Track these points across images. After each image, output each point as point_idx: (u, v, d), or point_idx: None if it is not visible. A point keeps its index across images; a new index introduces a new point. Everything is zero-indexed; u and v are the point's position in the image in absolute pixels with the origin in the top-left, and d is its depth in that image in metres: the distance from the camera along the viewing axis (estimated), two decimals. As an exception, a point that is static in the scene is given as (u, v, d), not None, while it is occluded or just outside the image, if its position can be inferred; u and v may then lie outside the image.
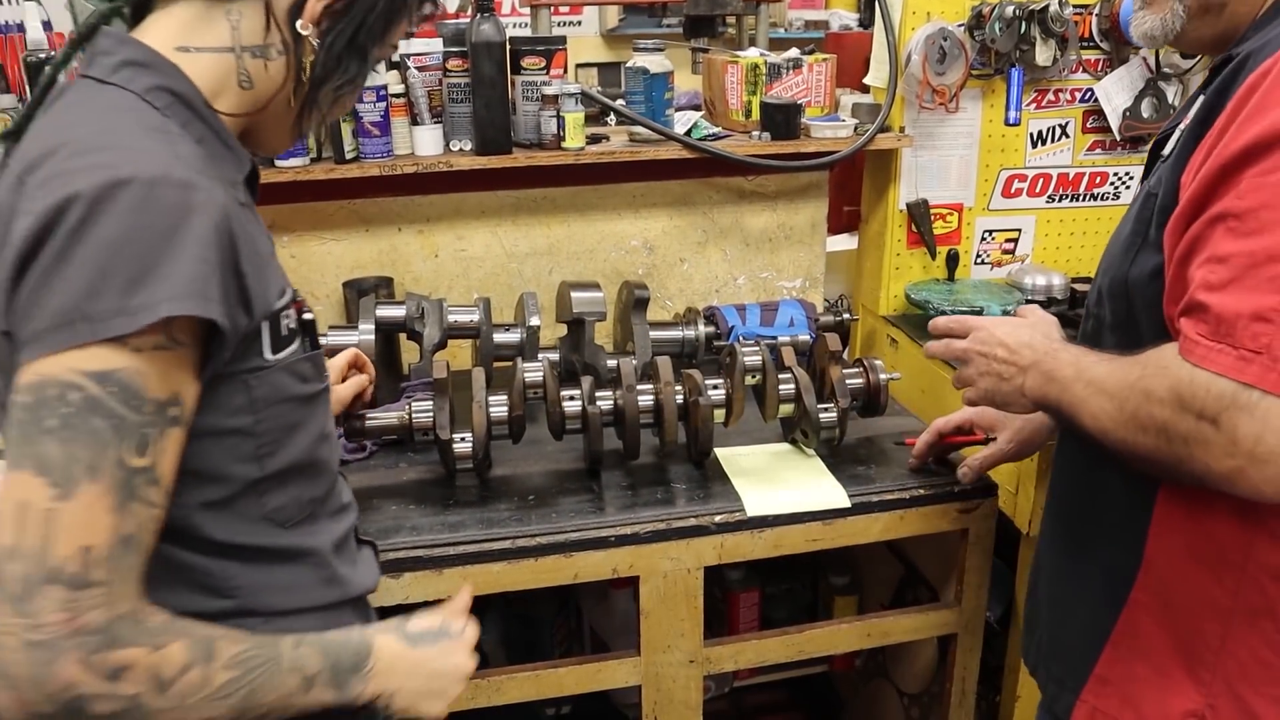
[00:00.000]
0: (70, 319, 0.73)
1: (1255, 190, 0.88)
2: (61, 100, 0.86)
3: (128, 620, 0.76)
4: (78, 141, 0.79)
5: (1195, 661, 1.04)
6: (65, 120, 0.83)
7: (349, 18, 0.92)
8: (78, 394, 0.74)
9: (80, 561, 0.74)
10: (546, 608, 2.08)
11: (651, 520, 1.47)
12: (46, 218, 0.74)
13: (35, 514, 0.73)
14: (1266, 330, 0.85)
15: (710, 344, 1.97)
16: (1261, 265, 0.86)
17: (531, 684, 1.53)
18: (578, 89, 1.92)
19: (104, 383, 0.74)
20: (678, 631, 1.53)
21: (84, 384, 0.74)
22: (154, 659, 0.76)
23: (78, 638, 0.73)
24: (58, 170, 0.76)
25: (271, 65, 0.91)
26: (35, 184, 0.77)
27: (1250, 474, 0.85)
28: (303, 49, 0.92)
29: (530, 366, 1.59)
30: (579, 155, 1.93)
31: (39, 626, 0.72)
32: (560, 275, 2.14)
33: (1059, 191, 2.25)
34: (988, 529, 1.62)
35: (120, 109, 0.83)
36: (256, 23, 0.90)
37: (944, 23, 2.02)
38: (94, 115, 0.82)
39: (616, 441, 1.61)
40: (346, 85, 0.96)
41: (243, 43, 0.90)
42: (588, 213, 2.13)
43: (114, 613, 0.75)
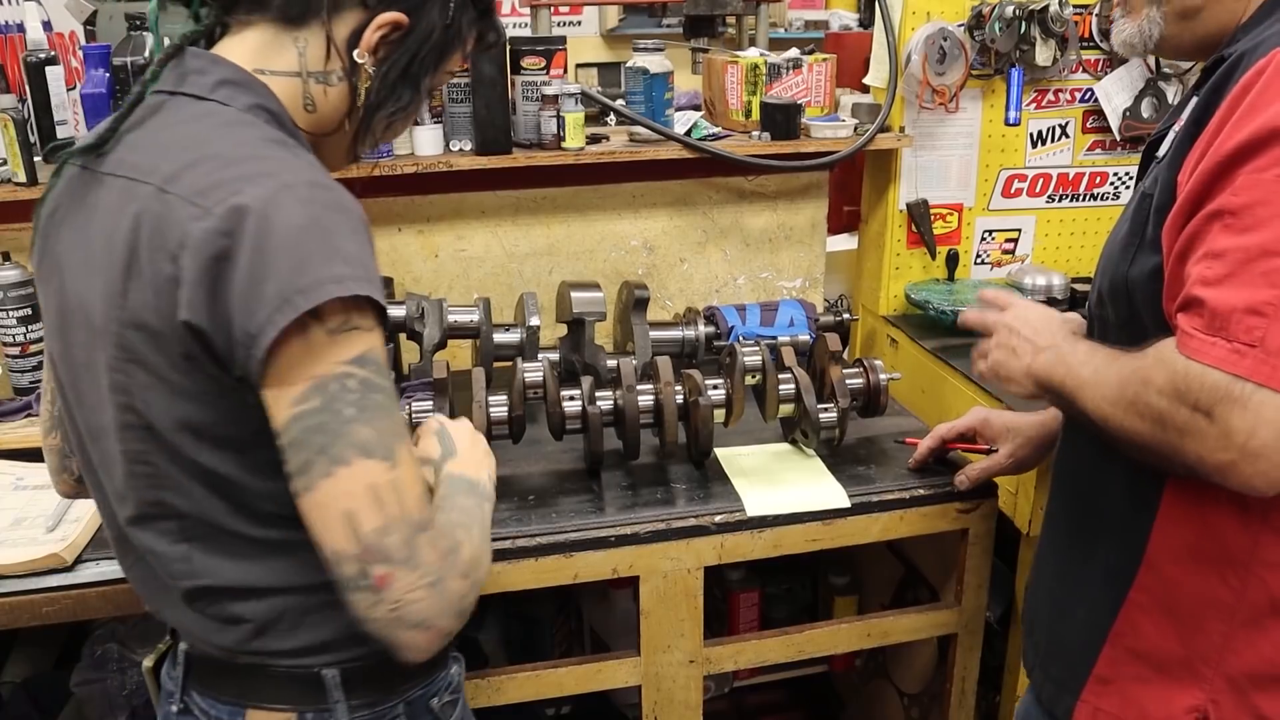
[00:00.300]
0: (288, 296, 0.80)
1: (1250, 187, 0.88)
2: (161, 116, 0.91)
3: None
4: (218, 155, 0.85)
5: (1197, 659, 1.04)
6: (186, 134, 0.89)
7: (404, 49, 0.98)
8: (352, 380, 0.83)
9: (424, 506, 0.87)
10: (546, 608, 2.08)
11: (651, 520, 1.47)
12: (226, 223, 0.81)
13: (385, 490, 0.83)
14: (1260, 324, 0.86)
15: (710, 344, 1.97)
16: (1256, 260, 0.87)
17: (531, 684, 1.53)
18: (578, 89, 1.92)
19: (362, 365, 0.84)
20: (678, 631, 1.53)
21: (351, 371, 0.83)
22: (471, 545, 0.92)
23: (446, 560, 0.87)
24: (213, 181, 0.83)
25: (332, 91, 0.97)
26: (189, 193, 0.83)
27: (1242, 467, 0.86)
28: (359, 76, 0.97)
29: (530, 366, 1.59)
30: (579, 155, 1.92)
31: (427, 571, 0.84)
32: (560, 275, 2.14)
33: (1059, 191, 2.25)
34: (988, 529, 1.62)
35: (237, 124, 0.90)
36: (320, 50, 0.95)
37: (944, 23, 2.02)
38: (217, 130, 0.89)
39: (616, 442, 1.61)
40: (399, 112, 1.01)
41: (308, 68, 0.96)
42: (588, 213, 2.13)
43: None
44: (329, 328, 0.83)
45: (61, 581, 1.32)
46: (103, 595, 1.33)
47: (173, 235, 0.82)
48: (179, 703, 1.04)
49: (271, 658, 0.97)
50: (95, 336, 0.90)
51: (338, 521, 0.83)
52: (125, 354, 0.87)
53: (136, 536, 0.96)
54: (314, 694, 0.98)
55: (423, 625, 0.85)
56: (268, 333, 0.80)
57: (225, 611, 0.96)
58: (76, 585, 1.32)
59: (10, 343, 1.84)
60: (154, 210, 0.84)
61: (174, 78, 0.94)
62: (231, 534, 0.93)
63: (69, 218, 0.95)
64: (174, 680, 1.05)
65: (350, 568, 0.83)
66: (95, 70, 1.75)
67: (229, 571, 0.94)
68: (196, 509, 0.92)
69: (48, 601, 1.31)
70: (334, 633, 0.97)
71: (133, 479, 0.92)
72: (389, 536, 0.83)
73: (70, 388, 0.97)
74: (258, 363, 0.82)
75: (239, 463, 0.90)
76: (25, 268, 1.85)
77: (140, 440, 0.90)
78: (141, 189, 0.86)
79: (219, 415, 0.88)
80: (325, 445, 0.82)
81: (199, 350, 0.84)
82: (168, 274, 0.83)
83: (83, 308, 0.91)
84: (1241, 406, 0.85)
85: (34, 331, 1.86)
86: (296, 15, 0.94)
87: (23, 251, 1.88)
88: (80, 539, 1.38)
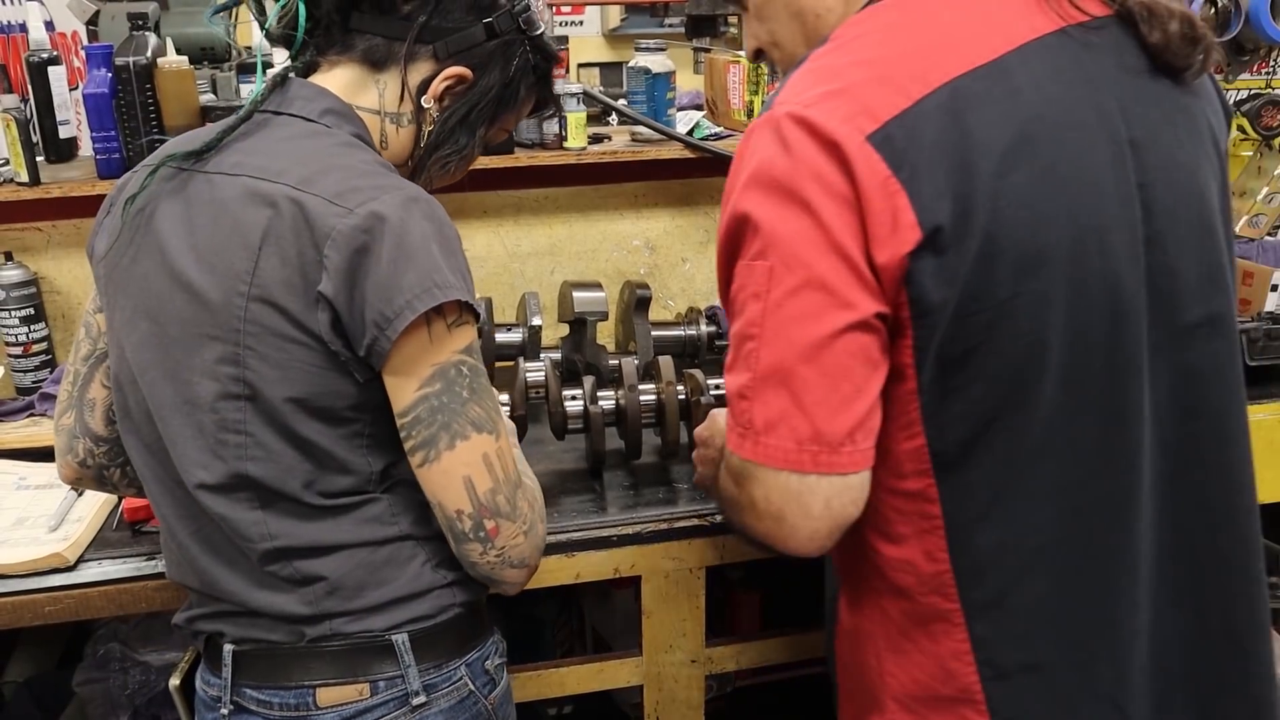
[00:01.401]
0: (426, 287, 0.95)
1: (736, 275, 0.92)
2: (271, 130, 1.04)
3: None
4: (345, 168, 0.99)
5: (873, 686, 1.05)
6: (306, 148, 1.02)
7: (465, 99, 1.11)
8: (465, 367, 1.00)
9: (517, 467, 1.05)
10: (548, 608, 2.08)
11: (653, 520, 1.47)
12: (367, 222, 0.94)
13: (494, 458, 1.01)
14: (747, 407, 0.91)
15: (712, 343, 1.97)
16: (740, 344, 0.92)
17: (533, 684, 1.53)
18: (580, 89, 1.92)
19: (470, 354, 1.01)
20: (679, 631, 1.53)
21: (464, 359, 1.00)
22: (539, 490, 1.11)
23: (534, 510, 1.07)
24: (348, 187, 0.97)
25: (402, 131, 1.11)
26: (329, 195, 0.96)
27: (777, 532, 0.92)
28: (425, 119, 1.10)
29: (532, 366, 1.59)
30: (581, 155, 1.92)
31: (524, 520, 1.04)
32: (562, 275, 2.14)
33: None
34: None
35: (349, 146, 1.04)
36: (396, 93, 1.08)
37: (946, 22, 2.02)
38: (335, 149, 1.02)
39: (618, 441, 1.61)
40: (454, 155, 1.13)
41: (385, 108, 1.09)
42: (589, 212, 2.13)
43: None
44: (449, 322, 0.98)
45: (64, 581, 1.32)
46: (105, 595, 1.33)
47: (320, 228, 0.95)
48: (228, 705, 1.07)
49: (342, 620, 1.04)
50: (205, 312, 0.99)
51: (459, 485, 1.00)
52: (250, 326, 0.97)
53: (212, 504, 1.02)
54: (385, 662, 1.05)
55: (521, 564, 1.05)
56: (405, 316, 0.95)
57: (299, 572, 1.03)
58: (79, 585, 1.32)
59: (13, 342, 1.84)
60: (293, 206, 0.96)
61: (278, 100, 1.06)
62: (305, 504, 1.02)
63: (164, 209, 1.04)
64: (218, 685, 1.08)
65: (467, 523, 1.01)
66: (97, 70, 1.75)
67: (301, 534, 1.02)
68: (278, 480, 1.01)
69: (50, 601, 1.31)
70: (398, 590, 1.05)
71: (222, 448, 1.01)
72: (498, 496, 1.01)
73: (149, 366, 1.03)
74: (388, 343, 0.95)
75: (331, 435, 1.01)
76: (27, 267, 1.85)
77: (241, 410, 1.00)
78: (273, 188, 0.98)
79: (323, 388, 0.99)
80: (447, 423, 0.98)
81: (326, 324, 0.96)
82: (310, 258, 0.95)
83: (190, 287, 1.00)
84: (757, 481, 0.91)
85: (36, 331, 1.86)
86: (379, 60, 1.08)
87: (25, 251, 1.88)
88: (83, 538, 1.38)
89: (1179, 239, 0.95)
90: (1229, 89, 2.14)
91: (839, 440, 0.88)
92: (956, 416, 0.91)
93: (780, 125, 0.90)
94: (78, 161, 1.93)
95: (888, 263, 0.86)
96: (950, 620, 0.96)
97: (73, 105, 1.91)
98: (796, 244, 0.87)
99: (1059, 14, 0.93)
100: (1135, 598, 0.99)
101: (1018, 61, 0.90)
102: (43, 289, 1.89)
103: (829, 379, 0.88)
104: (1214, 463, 1.02)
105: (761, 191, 0.89)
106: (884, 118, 0.86)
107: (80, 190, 1.77)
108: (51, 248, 1.90)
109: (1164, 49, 0.94)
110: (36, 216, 1.87)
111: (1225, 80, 2.13)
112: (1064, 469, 0.94)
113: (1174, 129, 0.96)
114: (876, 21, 0.95)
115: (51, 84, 1.83)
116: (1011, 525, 0.94)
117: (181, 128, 1.75)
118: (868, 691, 1.05)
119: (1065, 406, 0.92)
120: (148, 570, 1.34)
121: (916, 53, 0.90)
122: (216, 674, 1.08)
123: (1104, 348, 0.92)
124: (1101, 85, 0.93)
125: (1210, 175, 0.99)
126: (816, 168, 0.86)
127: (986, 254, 0.86)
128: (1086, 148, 0.90)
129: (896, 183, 0.85)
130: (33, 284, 1.85)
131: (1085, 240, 0.89)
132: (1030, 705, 0.97)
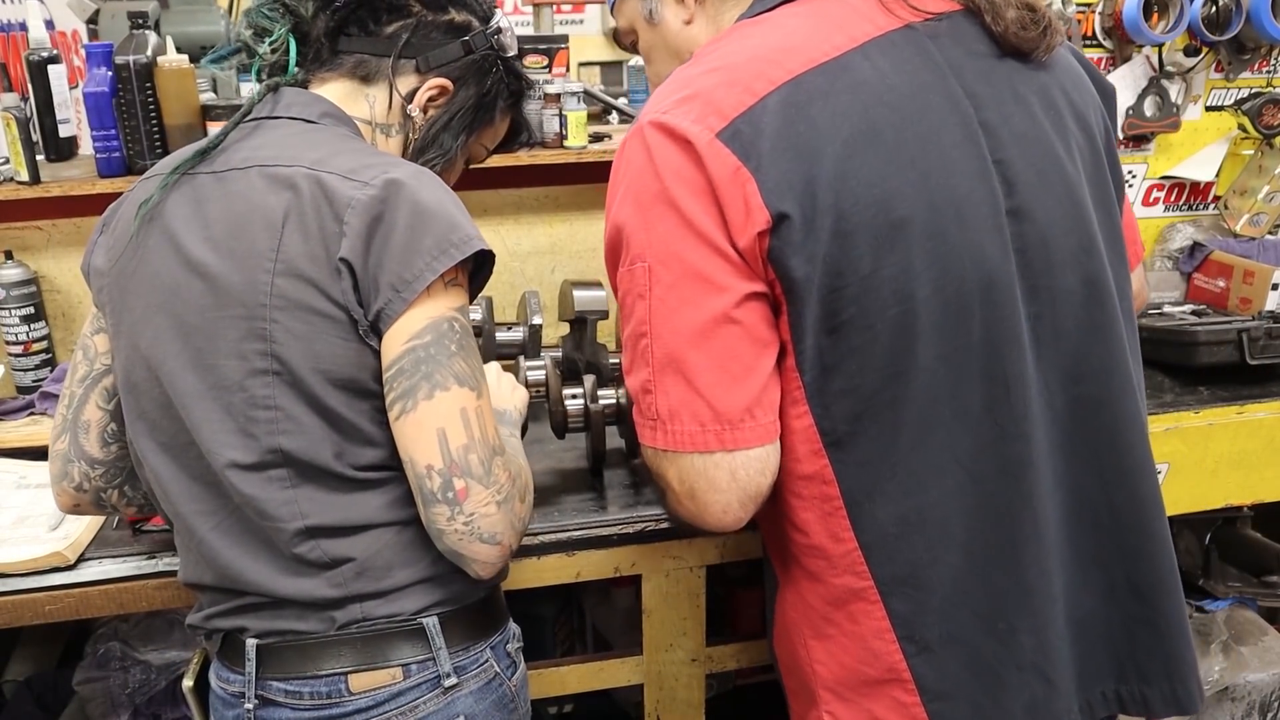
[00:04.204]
0: (444, 249, 0.99)
1: (620, 281, 0.99)
2: (272, 130, 1.08)
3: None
4: (353, 150, 1.05)
5: (807, 689, 1.08)
6: (312, 138, 1.07)
7: (447, 109, 1.19)
8: (457, 323, 1.02)
9: (498, 435, 1.03)
10: (549, 606, 2.08)
11: (654, 519, 1.47)
12: (384, 191, 0.99)
13: (471, 414, 1.00)
14: (650, 400, 0.97)
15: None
16: (634, 344, 0.98)
17: (534, 683, 1.52)
18: (580, 87, 1.92)
19: (462, 313, 1.03)
20: (680, 630, 1.53)
21: (457, 316, 1.02)
22: (527, 473, 1.12)
23: (514, 483, 1.04)
24: (362, 163, 1.02)
25: (391, 140, 1.17)
26: (345, 171, 1.00)
27: (692, 509, 0.99)
28: (411, 127, 1.18)
29: (532, 365, 1.59)
30: (581, 154, 1.92)
31: (500, 489, 1.01)
32: (562, 274, 2.14)
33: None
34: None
35: (351, 139, 1.10)
36: (384, 104, 1.15)
37: (946, 21, 2.02)
38: (339, 139, 1.08)
39: (619, 440, 1.61)
40: (439, 158, 1.18)
41: (376, 119, 1.16)
42: (590, 211, 2.13)
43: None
44: (446, 280, 1.00)
45: (64, 580, 1.32)
46: (105, 594, 1.33)
47: (339, 200, 0.99)
48: (253, 699, 1.07)
49: (373, 603, 1.05)
50: (228, 295, 1.01)
51: (432, 437, 0.98)
52: (276, 300, 1.00)
53: (242, 484, 1.03)
54: (416, 645, 1.07)
55: (492, 540, 1.01)
56: (425, 277, 0.98)
57: (327, 554, 1.04)
58: (79, 584, 1.32)
59: (13, 341, 1.84)
60: (312, 184, 1.00)
61: (272, 106, 1.11)
62: (336, 476, 1.03)
63: (171, 210, 1.07)
64: (239, 681, 1.08)
65: (436, 480, 0.99)
66: (98, 69, 1.75)
67: (331, 511, 1.03)
68: (310, 452, 1.02)
69: (50, 600, 1.31)
70: (425, 571, 1.07)
71: (253, 425, 1.02)
72: (471, 454, 0.99)
73: (168, 358, 1.04)
74: (403, 303, 0.98)
75: (356, 407, 1.02)
76: (28, 266, 1.85)
77: (269, 385, 1.01)
78: (289, 171, 1.02)
79: (348, 359, 1.01)
80: (430, 373, 0.99)
81: (347, 288, 0.99)
82: (332, 230, 0.99)
83: (208, 274, 1.02)
84: (671, 463, 0.98)
85: (36, 330, 1.86)
86: (368, 75, 1.15)
87: (26, 250, 1.88)
88: (83, 537, 1.38)
89: (1047, 210, 1.00)
90: (1230, 87, 2.14)
91: (737, 417, 0.95)
92: (839, 392, 0.96)
93: (644, 132, 0.97)
94: (78, 160, 1.93)
95: (748, 246, 0.93)
96: (866, 599, 0.99)
97: (73, 104, 1.91)
98: (668, 240, 0.94)
99: (903, 12, 1.00)
100: (1045, 564, 1.01)
101: (860, 57, 0.96)
102: (43, 288, 1.89)
103: (718, 360, 0.94)
104: (1102, 424, 1.04)
105: (634, 201, 0.96)
106: (731, 115, 0.93)
107: (80, 189, 1.76)
108: (52, 246, 1.90)
109: (1007, 34, 1.00)
110: (37, 215, 1.87)
111: (1226, 79, 2.13)
112: (954, 439, 0.97)
113: (1026, 107, 1.01)
114: (731, 37, 1.03)
115: (51, 83, 1.83)
116: (910, 499, 0.97)
117: (182, 126, 1.75)
118: (804, 686, 1.08)
119: (945, 378, 0.96)
120: (148, 569, 1.34)
121: (764, 57, 0.97)
122: (237, 670, 1.08)
123: (979, 319, 0.96)
124: (947, 73, 0.98)
125: (1070, 149, 1.03)
126: (676, 166, 0.94)
127: (841, 231, 0.92)
128: (935, 128, 0.95)
129: (746, 172, 0.92)
130: (33, 283, 1.85)
131: (941, 212, 0.94)
132: (957, 679, 1.00)
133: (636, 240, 0.96)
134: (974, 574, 0.99)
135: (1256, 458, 1.75)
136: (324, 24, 1.13)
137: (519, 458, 1.14)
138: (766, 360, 0.96)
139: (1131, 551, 1.06)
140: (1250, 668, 1.99)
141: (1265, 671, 1.98)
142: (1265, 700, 1.99)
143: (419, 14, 1.16)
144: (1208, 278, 2.11)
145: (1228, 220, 2.19)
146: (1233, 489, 1.77)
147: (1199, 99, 2.15)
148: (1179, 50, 2.10)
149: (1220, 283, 2.07)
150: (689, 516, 1.00)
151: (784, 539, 1.05)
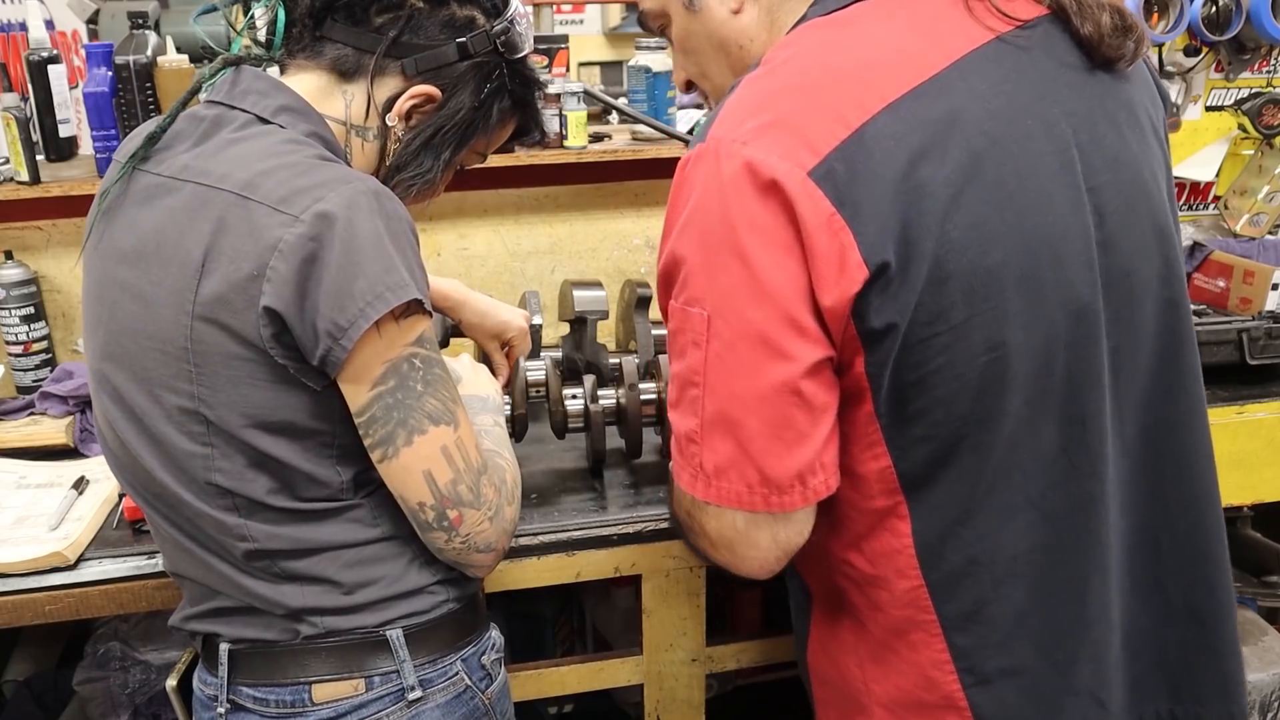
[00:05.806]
0: (378, 293, 0.93)
1: (673, 315, 0.92)
2: (224, 133, 1.00)
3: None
4: (291, 165, 0.95)
5: (858, 693, 1.05)
6: (254, 148, 0.98)
7: (432, 121, 1.08)
8: (418, 359, 0.98)
9: (480, 452, 1.04)
10: (549, 607, 2.08)
11: (654, 519, 1.47)
12: (314, 229, 0.91)
13: (453, 448, 1.00)
14: (696, 451, 0.91)
15: (712, 343, 1.97)
16: (684, 388, 0.92)
17: (534, 683, 1.53)
18: (580, 87, 1.92)
19: (421, 344, 0.99)
20: (680, 630, 1.53)
21: (416, 351, 0.98)
22: (510, 470, 1.13)
23: (500, 494, 1.05)
24: (293, 189, 0.93)
25: (368, 146, 1.08)
26: (273, 201, 0.93)
27: (729, 559, 0.95)
28: (389, 137, 1.08)
29: (532, 365, 1.59)
30: (581, 154, 1.92)
31: (489, 506, 1.03)
32: (562, 274, 2.14)
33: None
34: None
35: (299, 143, 1.00)
36: (362, 106, 1.06)
37: (946, 21, 2.01)
38: (283, 145, 0.98)
39: (619, 440, 1.61)
40: (418, 179, 1.09)
41: (351, 120, 1.06)
42: (590, 211, 2.13)
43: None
44: (398, 317, 0.96)
45: (64, 580, 1.32)
46: (105, 594, 1.33)
47: (263, 239, 0.92)
48: (225, 704, 1.07)
49: (334, 618, 1.04)
50: (156, 325, 0.97)
51: (419, 480, 0.99)
52: (194, 344, 0.95)
53: (191, 504, 1.02)
54: (380, 657, 1.05)
55: (488, 549, 1.05)
56: (360, 324, 0.93)
57: (285, 571, 1.03)
58: (79, 584, 1.32)
59: (13, 341, 1.84)
60: (236, 215, 0.93)
61: (230, 90, 1.03)
62: (279, 510, 1.01)
63: (121, 215, 1.02)
64: (214, 684, 1.08)
65: (430, 514, 1.01)
66: (98, 69, 1.75)
67: (280, 540, 1.02)
68: (249, 490, 1.00)
69: (50, 600, 1.31)
70: (388, 589, 1.05)
71: (189, 460, 1.00)
72: (459, 486, 1.01)
73: (110, 375, 1.02)
74: (344, 351, 0.93)
75: (295, 448, 0.99)
76: (27, 266, 1.85)
77: (202, 423, 0.98)
78: (218, 195, 0.95)
79: (277, 403, 0.97)
80: (403, 419, 0.97)
81: (272, 337, 0.94)
82: (247, 272, 0.92)
83: (141, 297, 0.98)
84: (711, 515, 0.93)
85: (36, 330, 1.86)
86: (347, 70, 1.05)
87: (26, 250, 1.88)
88: (83, 537, 1.38)
89: (1132, 239, 0.95)
90: (1230, 87, 2.14)
91: (787, 483, 0.89)
92: (919, 438, 0.91)
93: (720, 161, 0.86)
94: (78, 160, 1.93)
95: (835, 304, 0.84)
96: (928, 631, 0.96)
97: (73, 104, 1.91)
98: (732, 295, 0.85)
99: (992, 21, 0.92)
100: (1107, 595, 0.99)
101: (957, 77, 0.88)
102: (43, 288, 1.89)
103: (772, 428, 0.88)
104: (1170, 451, 1.02)
105: (698, 237, 0.87)
106: (824, 150, 0.83)
107: (80, 189, 1.77)
108: (52, 246, 1.90)
109: (1098, 41, 0.93)
110: (37, 215, 1.87)
111: (1226, 79, 2.13)
112: (1029, 480, 0.93)
113: (1116, 126, 0.95)
114: (807, 41, 0.92)
115: (51, 83, 1.83)
116: (982, 540, 0.94)
117: (182, 126, 1.75)
118: (852, 699, 1.05)
119: (1028, 421, 0.92)
120: (148, 569, 1.34)
121: (852, 74, 0.87)
122: (213, 673, 1.08)
123: (1062, 359, 0.92)
124: (1044, 91, 0.91)
125: (1155, 168, 0.99)
126: (753, 216, 0.84)
127: (936, 279, 0.85)
128: (1034, 160, 0.89)
129: (841, 220, 0.82)
130: (33, 283, 1.85)
131: (1037, 254, 0.88)
132: (1014, 708, 0.98)
133: (696, 282, 0.88)
134: (1038, 609, 0.96)
135: (1256, 458, 1.75)
136: (310, 1, 1.04)
137: (503, 453, 1.13)
138: (823, 426, 0.89)
139: (1191, 576, 1.04)
140: (1250, 668, 1.98)
141: (1265, 671, 1.98)
142: (1265, 700, 1.99)
143: (413, 5, 1.06)
144: (1208, 278, 2.11)
145: (1228, 220, 2.19)
146: (1233, 489, 1.77)
147: (1199, 99, 2.15)
148: (1179, 50, 2.10)
149: (1220, 283, 2.07)
150: (721, 564, 0.96)
151: (838, 565, 1.01)
